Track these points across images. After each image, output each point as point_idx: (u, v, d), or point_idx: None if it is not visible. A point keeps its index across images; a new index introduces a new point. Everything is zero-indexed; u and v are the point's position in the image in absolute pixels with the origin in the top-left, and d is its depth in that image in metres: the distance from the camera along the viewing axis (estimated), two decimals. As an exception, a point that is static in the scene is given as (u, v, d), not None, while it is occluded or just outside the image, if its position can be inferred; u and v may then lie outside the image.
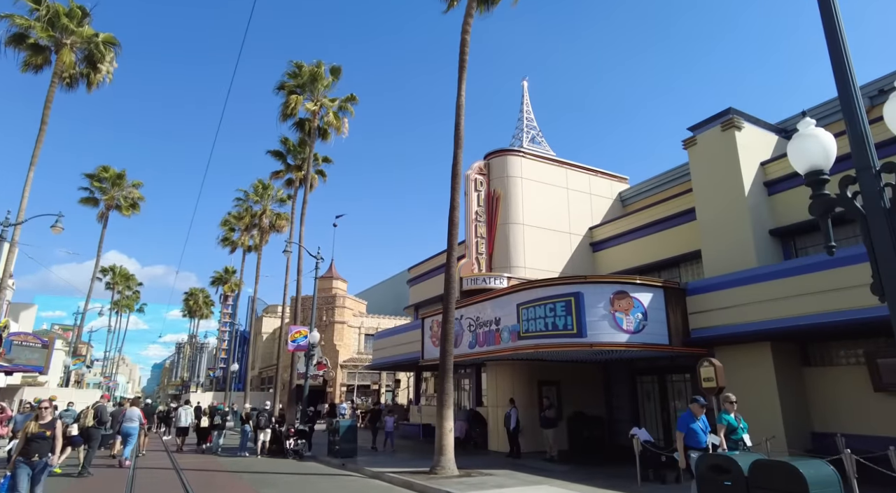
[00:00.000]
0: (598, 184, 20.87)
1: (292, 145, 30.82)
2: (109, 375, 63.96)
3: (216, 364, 62.66)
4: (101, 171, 38.87)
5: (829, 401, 12.31)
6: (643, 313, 13.05)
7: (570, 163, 20.41)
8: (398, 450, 17.56)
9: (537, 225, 18.70)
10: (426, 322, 18.79)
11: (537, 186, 19.13)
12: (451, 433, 12.04)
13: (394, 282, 56.63)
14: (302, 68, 27.26)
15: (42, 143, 20.85)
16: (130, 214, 39.49)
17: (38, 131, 20.91)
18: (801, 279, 11.49)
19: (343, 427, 15.51)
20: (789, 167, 13.87)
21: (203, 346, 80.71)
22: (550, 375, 17.14)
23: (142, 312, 78.54)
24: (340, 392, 40.51)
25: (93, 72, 21.70)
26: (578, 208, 19.94)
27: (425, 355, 18.60)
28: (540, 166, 19.54)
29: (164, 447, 20.16)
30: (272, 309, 56.36)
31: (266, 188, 39.21)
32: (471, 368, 19.72)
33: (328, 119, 27.68)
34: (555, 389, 17.16)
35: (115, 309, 68.30)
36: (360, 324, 44.81)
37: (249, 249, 43.31)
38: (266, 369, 51.34)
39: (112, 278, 63.48)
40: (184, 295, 74.04)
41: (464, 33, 14.62)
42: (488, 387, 17.63)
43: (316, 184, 31.10)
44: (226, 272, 55.93)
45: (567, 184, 19.97)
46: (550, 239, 18.94)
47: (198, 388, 66.73)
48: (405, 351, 21.60)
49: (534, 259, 18.21)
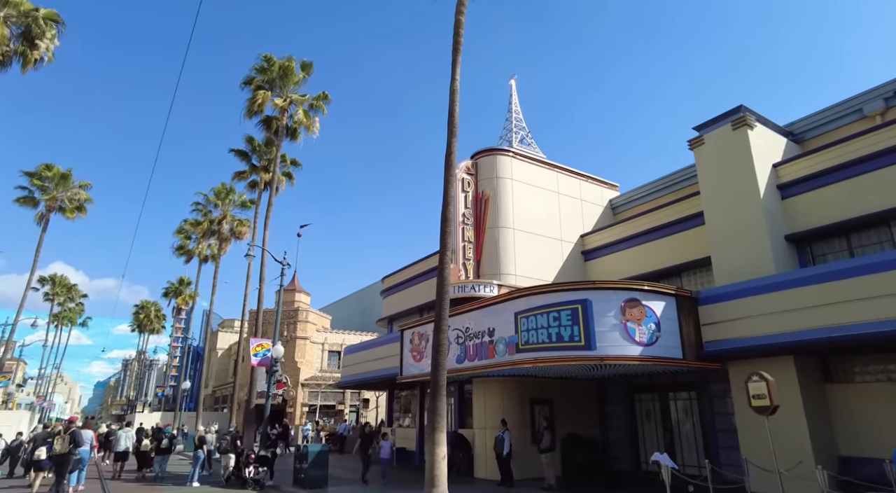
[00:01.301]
0: (589, 190, 19.80)
1: (258, 145, 28.80)
2: (44, 394, 58.66)
3: (166, 382, 58.49)
4: (44, 169, 35.55)
5: (854, 421, 11.26)
6: (656, 323, 11.78)
7: (561, 166, 19.29)
8: (372, 478, 15.54)
9: (528, 230, 17.37)
10: (406, 335, 17.07)
11: (528, 188, 17.87)
12: (444, 461, 10.35)
13: (360, 296, 54.43)
14: (271, 62, 25.46)
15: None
16: (75, 216, 36.15)
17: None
18: (827, 287, 10.46)
19: (312, 452, 13.53)
20: (805, 170, 13.07)
21: (153, 363, 75.73)
22: (543, 392, 15.66)
23: (85, 326, 73.08)
24: (302, 412, 37.84)
25: (30, 49, 19.30)
26: (570, 214, 18.78)
27: (404, 370, 16.83)
28: (530, 168, 18.31)
29: (99, 474, 17.54)
30: (228, 324, 53.14)
31: (229, 192, 36.75)
32: (453, 385, 18.04)
33: (298, 117, 25.87)
34: (548, 408, 15.67)
35: (55, 322, 63.28)
36: (323, 339, 42.26)
37: (207, 258, 40.49)
38: (221, 387, 47.99)
39: (52, 289, 58.75)
40: (134, 308, 69.44)
41: (458, 14, 13.33)
42: (476, 407, 15.97)
43: (283, 187, 29.12)
44: (180, 283, 52.50)
45: (558, 188, 18.81)
46: (541, 245, 17.65)
47: (145, 408, 62.13)
48: (379, 367, 19.74)
49: (525, 266, 16.83)
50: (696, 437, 13.90)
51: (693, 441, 13.95)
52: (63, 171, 36.26)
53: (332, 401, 37.82)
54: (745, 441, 11.74)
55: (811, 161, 13.01)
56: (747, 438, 11.71)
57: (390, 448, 15.27)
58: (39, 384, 60.69)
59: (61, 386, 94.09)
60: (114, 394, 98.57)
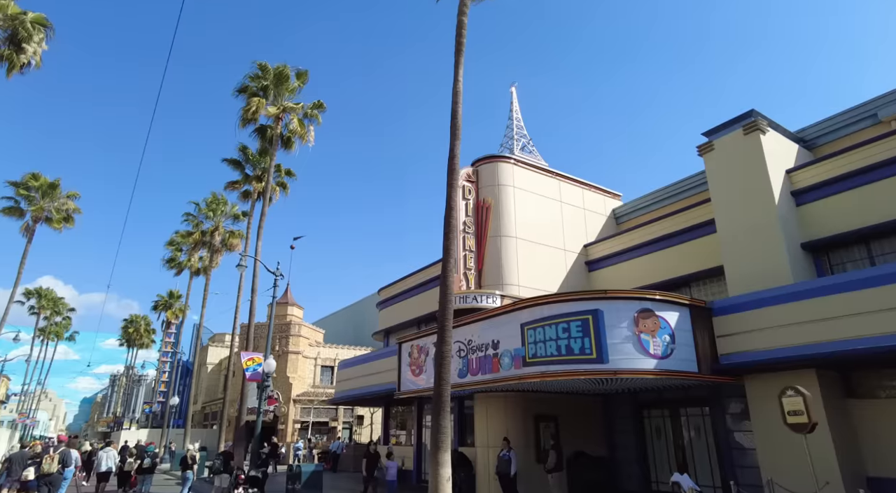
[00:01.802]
0: (592, 199, 19.33)
1: (252, 154, 28.23)
2: (27, 411, 56.96)
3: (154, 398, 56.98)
4: (30, 178, 34.78)
5: (882, 439, 10.66)
6: (671, 335, 11.19)
7: (563, 174, 18.82)
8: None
9: (530, 239, 16.82)
10: (404, 348, 16.36)
11: (530, 196, 17.36)
12: (449, 483, 9.62)
13: (353, 311, 53.52)
14: (266, 70, 25.02)
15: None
16: (62, 227, 35.31)
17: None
18: (850, 297, 9.93)
19: (306, 473, 12.75)
20: (820, 175, 12.63)
21: (141, 378, 74.03)
22: (549, 409, 14.95)
23: (72, 340, 71.61)
24: (293, 429, 36.71)
25: (16, 53, 18.69)
26: (573, 223, 18.26)
27: (402, 386, 16.10)
28: (532, 176, 17.82)
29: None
30: (219, 338, 51.98)
31: (220, 203, 36.03)
32: (453, 401, 17.30)
33: (292, 126, 25.36)
34: (553, 425, 14.96)
35: (41, 337, 61.76)
36: (316, 354, 41.19)
37: (198, 271, 39.61)
38: (210, 403, 46.69)
39: (38, 302, 57.37)
40: (123, 322, 68.03)
41: (461, 15, 12.93)
42: (478, 424, 15.23)
43: (277, 197, 28.48)
44: (170, 297, 51.41)
45: (560, 196, 18.31)
46: (544, 255, 17.09)
47: (132, 424, 60.42)
48: (376, 382, 18.98)
49: (528, 277, 16.24)
50: (711, 455, 13.22)
51: (707, 460, 13.27)
52: (51, 181, 35.53)
53: (325, 418, 36.75)
54: (768, 460, 11.09)
55: (826, 167, 12.58)
56: (769, 456, 11.07)
57: (397, 469, 14.39)
58: (22, 401, 58.96)
59: (45, 403, 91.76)
60: (100, 410, 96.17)
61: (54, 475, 12.56)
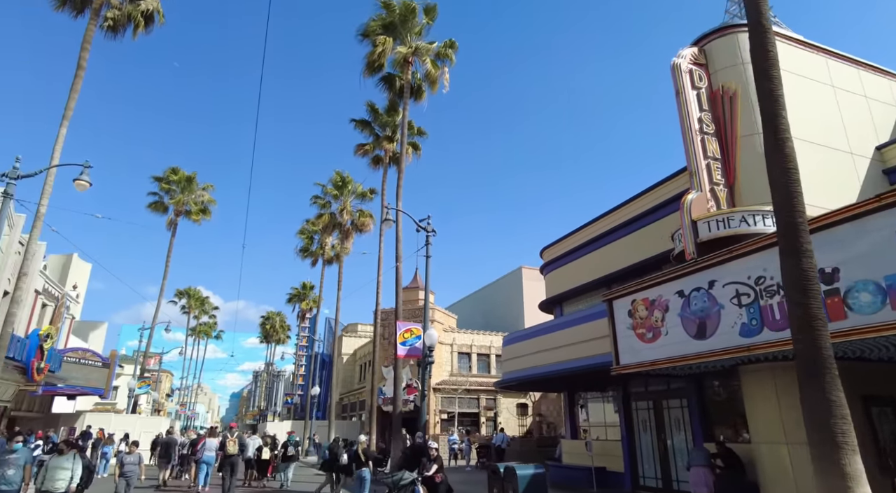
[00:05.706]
0: (874, 84, 13.27)
1: (379, 112, 25.22)
2: (186, 403, 60.62)
3: (294, 391, 57.95)
4: (170, 173, 35.27)
5: None
6: None
7: (829, 49, 13.01)
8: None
9: (801, 138, 11.34)
10: (619, 305, 11.76)
11: (788, 78, 11.77)
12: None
13: (480, 296, 49.88)
14: (391, 7, 21.74)
15: (78, 91, 16.19)
16: (200, 219, 35.39)
17: (74, 77, 16.29)
18: None
19: (523, 477, 8.60)
20: None
21: (280, 373, 77.06)
22: (885, 384, 9.49)
23: (219, 339, 76.22)
24: (436, 421, 33.63)
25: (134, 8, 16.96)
26: (853, 117, 12.44)
27: (623, 357, 11.48)
28: (787, 50, 12.23)
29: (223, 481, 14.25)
30: (351, 328, 51.04)
31: (346, 182, 33.95)
32: (683, 380, 12.36)
33: (426, 68, 21.85)
34: (892, 410, 9.47)
35: (193, 336, 65.86)
36: (451, 340, 37.83)
37: (330, 260, 38.09)
38: (347, 394, 45.55)
39: (188, 302, 60.86)
40: (260, 319, 70.99)
41: None
42: (755, 408, 10.18)
43: (409, 159, 25.21)
44: (303, 288, 51.54)
45: (831, 80, 12.58)
46: (820, 160, 11.58)
47: (275, 417, 62.31)
48: (563, 358, 14.55)
49: (807, 190, 10.79)
50: None
51: None
52: (188, 174, 35.83)
53: (474, 408, 33.24)
54: None
55: None
56: None
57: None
58: (182, 394, 63.08)
59: (202, 396, 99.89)
60: (246, 405, 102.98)
61: (234, 457, 13.72)
